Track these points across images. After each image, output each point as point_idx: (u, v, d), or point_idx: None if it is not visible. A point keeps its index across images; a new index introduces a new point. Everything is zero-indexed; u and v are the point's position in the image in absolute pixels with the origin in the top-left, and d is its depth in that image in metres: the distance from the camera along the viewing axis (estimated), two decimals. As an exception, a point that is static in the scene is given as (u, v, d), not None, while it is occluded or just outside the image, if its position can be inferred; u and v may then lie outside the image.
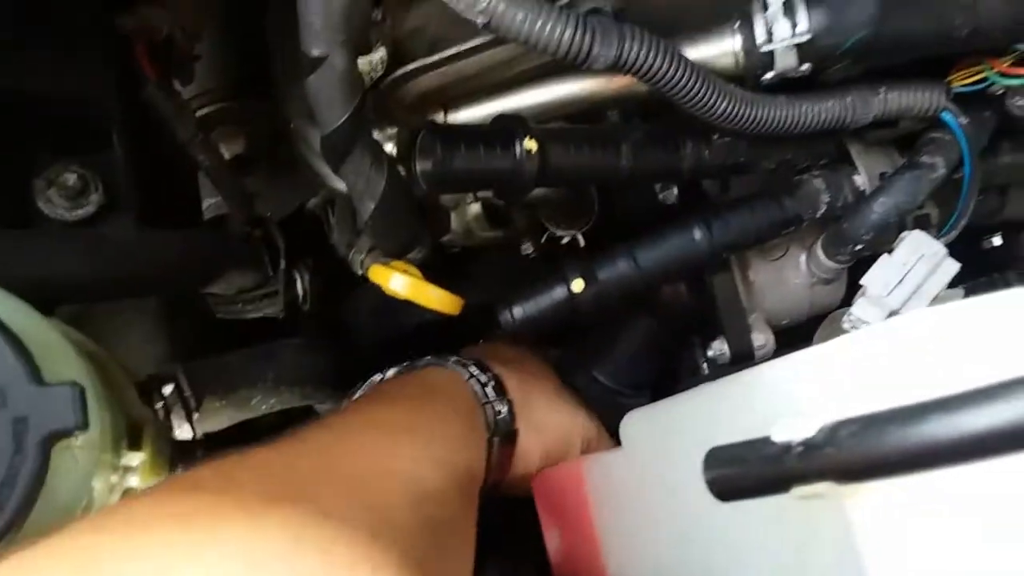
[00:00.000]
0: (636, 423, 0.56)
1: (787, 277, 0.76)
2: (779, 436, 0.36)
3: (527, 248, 0.82)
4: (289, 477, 0.40)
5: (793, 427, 0.35)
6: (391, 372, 0.68)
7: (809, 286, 0.76)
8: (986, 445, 0.29)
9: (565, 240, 0.80)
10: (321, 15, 0.51)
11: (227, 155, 0.92)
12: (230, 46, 0.83)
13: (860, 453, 0.32)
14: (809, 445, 0.34)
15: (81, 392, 0.36)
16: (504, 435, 0.64)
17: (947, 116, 0.64)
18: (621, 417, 0.60)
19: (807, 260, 0.75)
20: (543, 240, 0.81)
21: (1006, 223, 0.88)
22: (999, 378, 0.30)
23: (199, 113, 0.85)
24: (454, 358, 0.67)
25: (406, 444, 0.53)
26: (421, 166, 0.55)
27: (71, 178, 0.63)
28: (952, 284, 0.67)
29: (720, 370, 0.76)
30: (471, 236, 0.76)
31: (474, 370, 0.65)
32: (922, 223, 0.74)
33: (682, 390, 0.53)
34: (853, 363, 0.38)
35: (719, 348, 0.75)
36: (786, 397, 0.41)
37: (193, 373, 0.62)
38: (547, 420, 0.67)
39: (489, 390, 0.64)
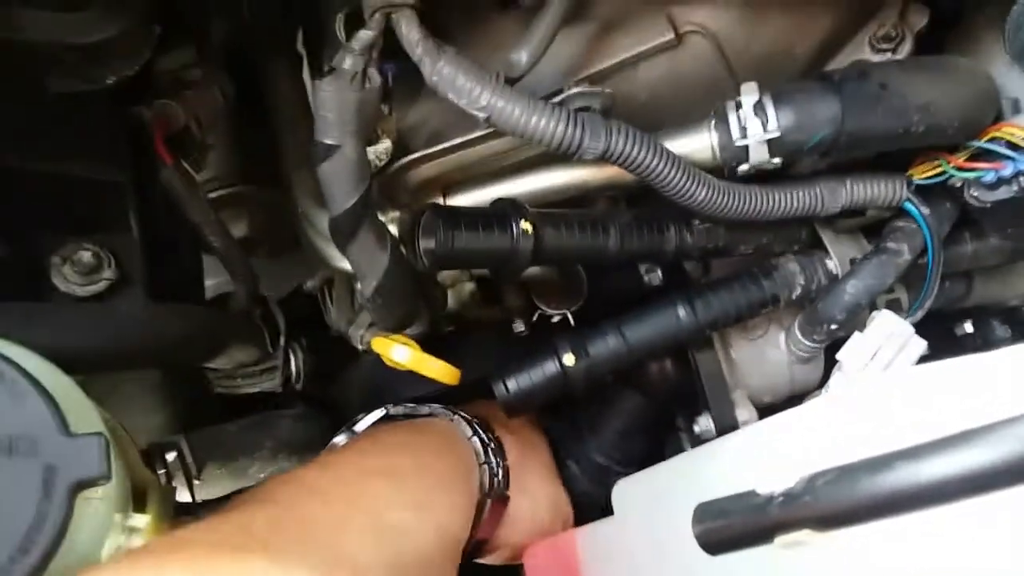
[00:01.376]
0: (627, 490, 0.58)
1: (767, 355, 0.80)
2: (762, 488, 0.38)
3: (519, 327, 0.86)
4: (255, 529, 0.41)
5: (775, 479, 0.38)
6: (398, 410, 0.70)
7: (789, 364, 0.80)
8: (948, 489, 0.32)
9: (556, 319, 0.84)
10: (334, 109, 0.56)
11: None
12: (240, 136, 0.87)
13: (836, 501, 0.35)
14: (789, 495, 0.37)
15: (107, 443, 0.38)
16: (496, 497, 0.66)
17: (909, 206, 0.69)
18: (610, 491, 0.63)
19: (786, 339, 0.79)
20: (534, 319, 0.84)
21: (976, 309, 0.93)
22: (955, 429, 0.34)
23: (210, 196, 0.89)
24: (461, 413, 0.68)
25: (394, 495, 0.54)
26: (424, 244, 0.58)
27: (86, 255, 0.66)
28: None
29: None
30: (466, 313, 0.80)
31: (477, 427, 0.67)
32: (893, 307, 0.79)
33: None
34: (828, 421, 0.41)
35: (705, 424, 0.78)
36: (768, 455, 0.44)
37: (194, 442, 0.64)
38: (540, 490, 0.69)
39: (490, 451, 0.66)
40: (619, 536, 0.58)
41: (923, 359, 0.72)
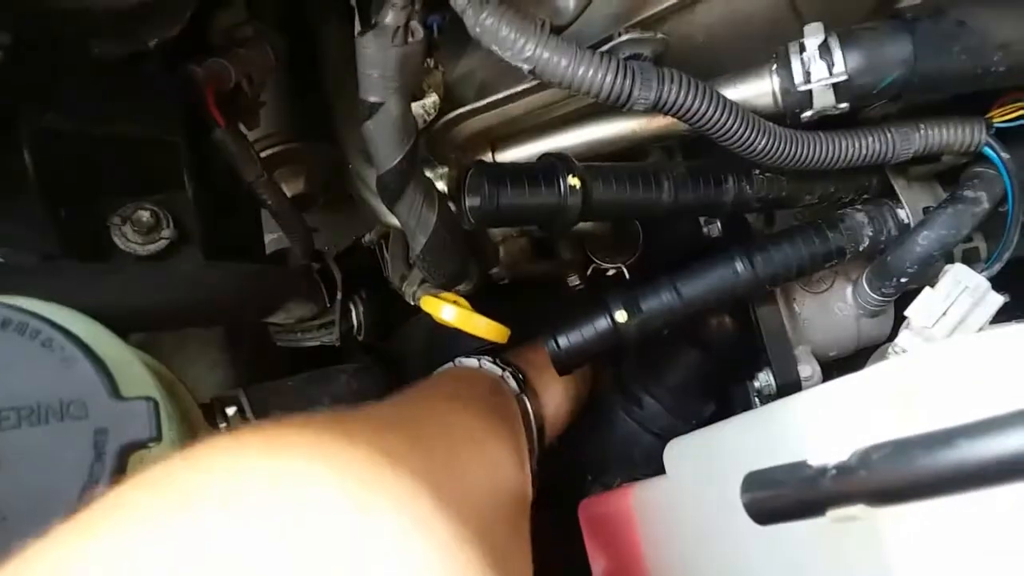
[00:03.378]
0: (679, 451, 0.57)
1: (833, 309, 0.77)
2: (815, 460, 0.37)
3: (573, 280, 0.85)
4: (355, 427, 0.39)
5: (828, 451, 0.37)
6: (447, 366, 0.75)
7: (856, 318, 0.76)
8: (1011, 468, 0.30)
9: (611, 272, 0.83)
10: (378, 66, 0.55)
11: (288, 193, 0.97)
12: (293, 93, 0.87)
13: (891, 476, 0.33)
14: (843, 469, 0.35)
15: (156, 406, 0.39)
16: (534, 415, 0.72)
17: (988, 151, 0.64)
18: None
19: (853, 293, 0.76)
20: (589, 272, 0.83)
21: None
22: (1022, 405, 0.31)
23: (263, 154, 0.89)
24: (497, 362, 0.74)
25: (478, 425, 0.57)
26: (469, 202, 0.57)
27: (144, 215, 0.67)
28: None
29: (767, 402, 0.77)
30: (518, 269, 0.79)
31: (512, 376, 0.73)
32: (971, 257, 0.75)
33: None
34: (886, 390, 0.39)
35: (765, 380, 0.76)
36: (823, 423, 0.42)
37: (254, 396, 0.65)
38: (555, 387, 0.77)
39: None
40: (671, 496, 0.57)
41: (1008, 315, 0.69)
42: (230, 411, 0.62)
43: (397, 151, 0.58)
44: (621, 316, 0.67)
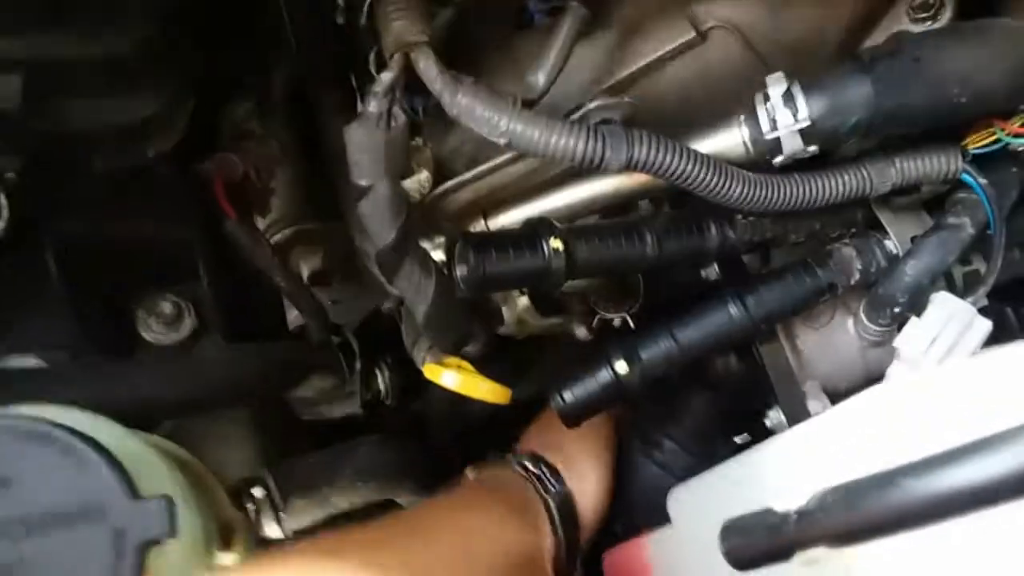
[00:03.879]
0: (680, 497, 0.58)
1: (836, 342, 0.77)
2: (779, 506, 0.38)
3: (581, 332, 0.87)
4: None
5: (791, 496, 0.38)
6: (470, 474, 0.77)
7: (860, 350, 0.77)
8: (952, 505, 0.32)
9: (616, 322, 0.84)
10: (365, 151, 0.59)
11: (307, 270, 1.02)
12: (302, 177, 0.92)
13: (843, 519, 0.35)
14: (803, 513, 0.37)
15: (171, 504, 0.42)
16: (561, 498, 0.73)
17: (967, 178, 0.65)
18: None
19: (854, 324, 0.76)
20: (594, 324, 0.85)
21: None
22: (969, 438, 0.33)
23: (279, 236, 0.94)
24: (512, 457, 0.76)
25: (468, 525, 0.59)
26: (458, 272, 0.60)
27: (167, 306, 0.72)
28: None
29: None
30: (525, 327, 0.81)
31: (527, 463, 0.74)
32: (971, 279, 0.75)
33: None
34: (846, 431, 0.40)
35: (776, 418, 0.77)
36: (794, 465, 0.44)
37: (279, 475, 0.68)
38: (591, 475, 0.77)
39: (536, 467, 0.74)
40: (677, 544, 0.58)
41: (1007, 335, 0.69)
42: (257, 492, 0.66)
43: (391, 228, 0.61)
44: (622, 367, 0.69)
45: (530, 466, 0.74)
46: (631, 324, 0.83)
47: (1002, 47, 0.58)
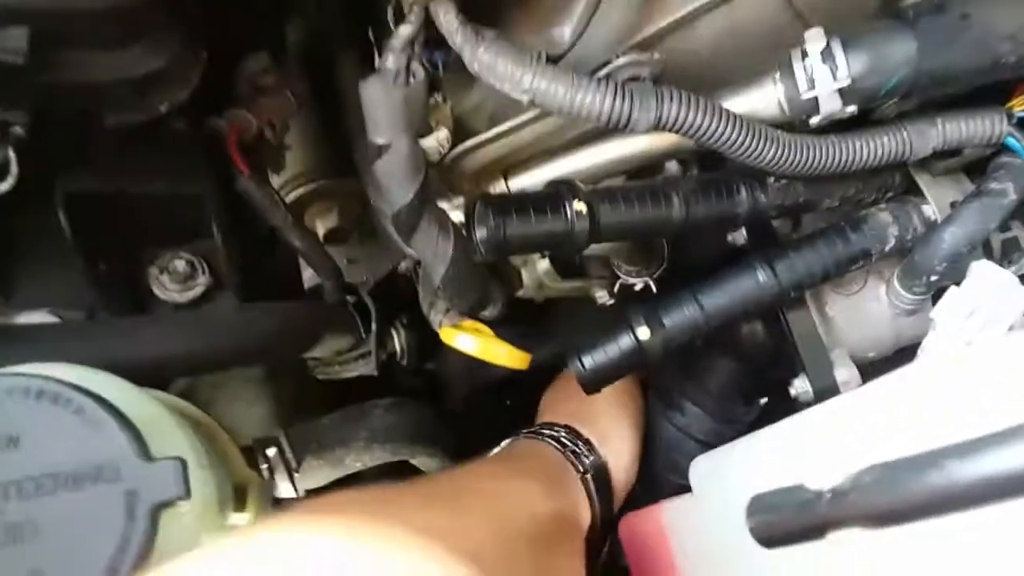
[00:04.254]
0: (702, 469, 0.57)
1: (867, 310, 0.75)
2: (812, 483, 0.37)
3: (602, 296, 0.85)
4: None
5: (825, 474, 0.36)
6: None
7: (892, 318, 0.75)
8: (998, 488, 0.30)
9: (638, 287, 0.83)
10: (383, 108, 0.57)
11: (323, 229, 1.00)
12: (318, 134, 0.90)
13: (882, 499, 0.33)
14: (837, 492, 0.35)
15: (183, 465, 0.41)
16: (596, 469, 0.73)
17: (1011, 141, 0.62)
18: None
19: (887, 292, 0.74)
20: (616, 288, 0.83)
21: None
22: (1012, 419, 0.31)
23: (294, 194, 0.93)
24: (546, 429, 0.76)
25: (503, 491, 0.60)
26: (477, 235, 0.59)
27: (180, 264, 0.71)
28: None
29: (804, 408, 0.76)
30: (544, 290, 0.80)
31: (563, 437, 0.74)
32: (1010, 247, 0.72)
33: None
34: (883, 408, 0.39)
35: (801, 387, 0.75)
36: (828, 441, 0.42)
37: (293, 436, 0.68)
38: (621, 445, 0.77)
39: (572, 441, 0.74)
40: (698, 515, 0.57)
41: None
42: (271, 452, 0.65)
43: (408, 188, 0.59)
44: (644, 333, 0.67)
45: (566, 440, 0.74)
46: (653, 289, 0.81)
47: (1057, 4, 0.55)
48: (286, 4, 0.87)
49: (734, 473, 0.51)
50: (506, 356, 0.66)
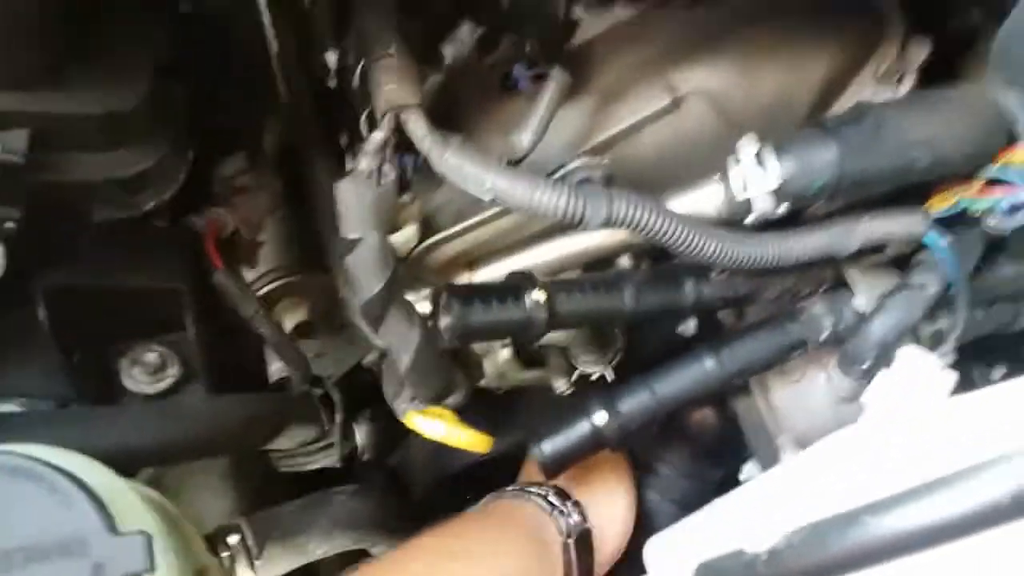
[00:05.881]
0: (656, 547, 0.59)
1: (809, 397, 0.79)
2: (750, 547, 0.40)
3: (560, 385, 0.88)
4: None
5: (764, 538, 0.39)
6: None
7: (833, 404, 0.79)
8: (910, 541, 0.33)
9: (595, 376, 0.86)
10: (355, 207, 0.61)
11: (291, 323, 1.03)
12: (291, 231, 0.94)
13: (812, 557, 0.36)
14: (773, 553, 0.38)
15: (149, 540, 0.43)
16: (579, 536, 0.73)
17: (930, 239, 0.68)
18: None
19: (827, 380, 0.78)
20: (574, 377, 0.86)
21: None
22: (926, 478, 0.35)
23: (266, 289, 0.95)
24: (534, 488, 0.77)
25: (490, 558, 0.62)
26: (443, 322, 0.62)
27: (151, 356, 0.73)
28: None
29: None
30: (506, 379, 0.83)
31: (552, 502, 0.75)
32: (936, 337, 0.77)
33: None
34: (816, 473, 0.42)
35: (751, 472, 0.78)
36: (768, 507, 0.45)
37: (255, 523, 0.68)
38: (614, 511, 0.77)
39: (567, 516, 0.74)
40: (654, 594, 0.59)
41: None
42: (232, 539, 0.66)
43: (378, 280, 0.63)
44: (601, 418, 0.71)
45: (554, 500, 0.75)
46: (609, 378, 0.85)
47: (961, 113, 0.62)
48: (263, 108, 0.93)
49: (683, 548, 0.53)
50: (468, 440, 0.69)
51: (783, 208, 0.64)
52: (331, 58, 0.85)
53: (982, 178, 0.65)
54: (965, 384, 0.94)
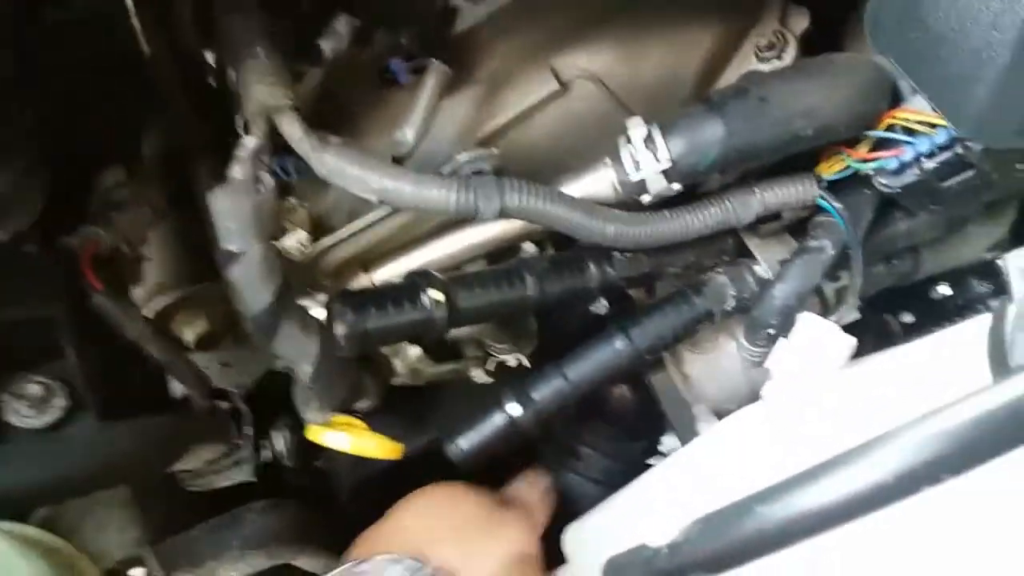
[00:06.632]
0: (574, 536, 0.59)
1: (721, 366, 0.80)
2: (653, 541, 0.39)
3: (479, 376, 0.87)
4: None
5: (671, 527, 0.39)
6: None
7: (744, 371, 0.80)
8: (804, 527, 0.33)
9: (512, 363, 0.85)
10: (233, 218, 0.58)
11: (192, 335, 0.98)
12: (178, 242, 0.90)
13: (708, 548, 0.36)
14: (673, 547, 0.37)
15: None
16: None
17: (823, 203, 0.69)
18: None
19: (737, 348, 0.79)
20: (492, 367, 0.85)
21: (953, 272, 0.93)
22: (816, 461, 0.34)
23: (159, 305, 0.91)
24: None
25: None
26: (338, 331, 0.60)
27: (34, 388, 0.68)
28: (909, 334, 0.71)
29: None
30: (419, 375, 0.81)
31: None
32: (842, 294, 0.79)
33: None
34: (721, 455, 0.42)
35: (670, 444, 0.79)
36: (674, 496, 0.45)
37: (160, 552, 0.65)
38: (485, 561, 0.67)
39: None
40: (574, 583, 0.59)
41: (911, 330, 0.72)
42: (136, 572, 0.62)
43: (265, 292, 0.60)
44: (515, 409, 0.70)
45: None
46: (526, 364, 0.84)
47: (842, 80, 0.62)
48: (141, 116, 0.88)
49: (598, 538, 0.53)
50: (376, 448, 0.67)
51: (677, 186, 0.64)
52: (211, 56, 0.81)
53: (869, 140, 0.66)
54: (880, 332, 0.98)
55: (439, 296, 0.61)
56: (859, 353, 0.61)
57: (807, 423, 0.45)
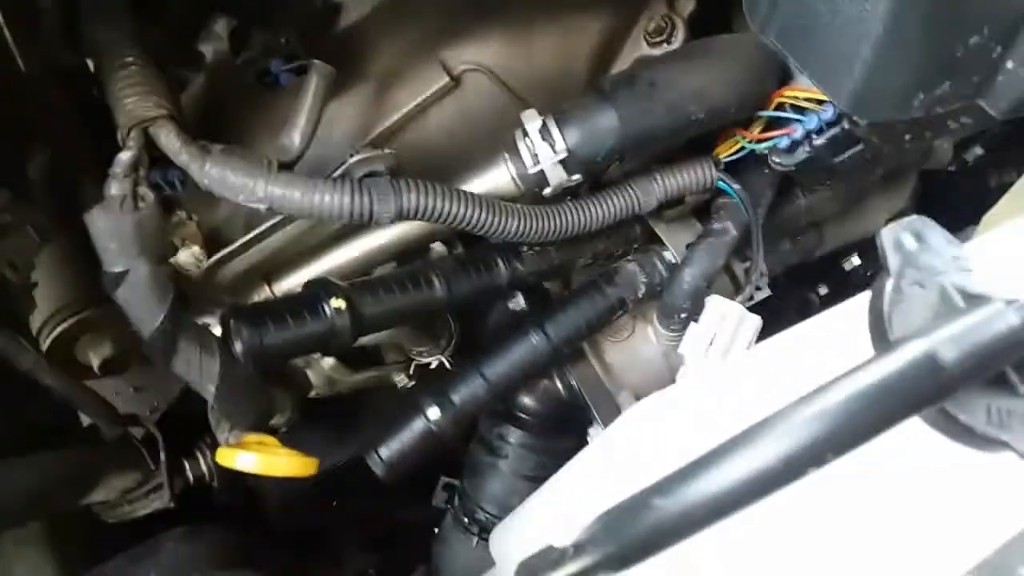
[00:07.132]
0: (499, 538, 0.58)
1: (640, 352, 0.80)
2: (559, 541, 0.38)
3: (401, 380, 0.85)
4: None
5: (572, 529, 0.38)
6: None
7: (663, 355, 0.80)
8: (699, 517, 0.33)
9: (433, 365, 0.84)
10: (114, 238, 0.55)
11: (97, 360, 0.94)
12: (71, 265, 0.85)
13: (609, 545, 0.35)
14: (578, 546, 0.37)
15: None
16: None
17: (722, 185, 0.70)
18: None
19: (654, 333, 0.80)
20: (412, 370, 0.84)
21: (862, 243, 0.95)
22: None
23: (58, 330, 0.86)
24: None
25: None
26: (236, 348, 0.58)
27: (-78, 432, 0.64)
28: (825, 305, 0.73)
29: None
30: (337, 386, 0.79)
31: None
32: (751, 273, 0.80)
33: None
34: (633, 444, 0.41)
35: (595, 433, 0.78)
36: (584, 493, 0.44)
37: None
38: None
39: None
40: (499, 585, 0.58)
41: (827, 302, 0.72)
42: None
43: (156, 313, 0.57)
44: (434, 413, 0.68)
45: None
46: (447, 365, 0.83)
47: (727, 62, 0.63)
48: (25, 136, 0.83)
49: (518, 538, 0.52)
50: (288, 466, 0.64)
51: (577, 177, 0.64)
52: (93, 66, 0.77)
53: (762, 120, 0.66)
54: (800, 306, 1.00)
55: (340, 304, 0.59)
56: (782, 328, 0.62)
57: (717, 405, 0.45)
